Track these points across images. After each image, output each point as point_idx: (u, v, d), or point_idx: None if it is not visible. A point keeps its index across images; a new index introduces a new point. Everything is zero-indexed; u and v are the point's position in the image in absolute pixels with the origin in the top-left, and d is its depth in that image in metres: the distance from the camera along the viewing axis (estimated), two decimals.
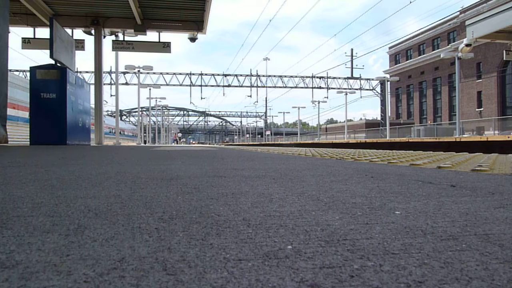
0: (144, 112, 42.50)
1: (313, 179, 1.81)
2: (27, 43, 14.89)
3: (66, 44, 11.31)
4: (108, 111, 41.57)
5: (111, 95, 37.33)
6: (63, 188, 1.45)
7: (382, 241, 0.73)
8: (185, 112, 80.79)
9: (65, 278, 0.52)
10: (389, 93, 39.75)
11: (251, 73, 44.12)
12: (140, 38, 15.38)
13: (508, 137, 11.01)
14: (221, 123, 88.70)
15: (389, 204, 1.14)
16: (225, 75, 43.68)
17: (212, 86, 43.85)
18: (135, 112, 60.85)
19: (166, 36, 60.84)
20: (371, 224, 0.87)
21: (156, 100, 41.13)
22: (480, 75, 38.40)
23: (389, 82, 34.61)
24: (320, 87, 44.49)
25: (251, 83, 44.13)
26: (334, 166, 2.68)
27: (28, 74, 14.00)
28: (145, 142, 39.25)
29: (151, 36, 16.17)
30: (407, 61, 50.06)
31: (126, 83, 41.10)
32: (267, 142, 48.34)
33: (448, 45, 41.03)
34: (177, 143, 52.27)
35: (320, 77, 44.32)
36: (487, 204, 1.14)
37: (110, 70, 37.86)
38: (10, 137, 9.60)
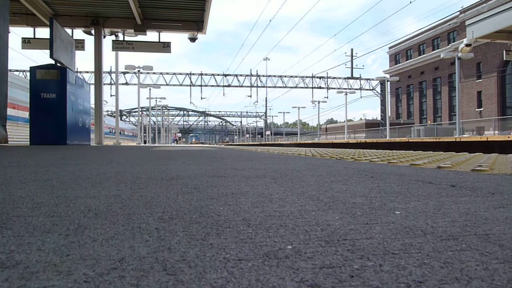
0: (144, 112, 42.49)
1: (313, 179, 1.81)
2: (27, 43, 14.89)
3: (66, 44, 11.31)
4: (108, 111, 41.59)
5: (111, 95, 37.36)
6: (63, 188, 1.45)
7: (382, 241, 0.73)
8: (185, 112, 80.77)
9: (65, 278, 0.52)
10: (389, 93, 39.76)
11: (251, 73, 44.11)
12: (140, 38, 15.39)
13: (508, 137, 11.01)
14: (221, 123, 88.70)
15: (389, 204, 1.14)
16: (225, 75, 43.68)
17: (212, 86, 43.87)
18: (135, 112, 60.86)
19: (166, 36, 60.87)
20: (371, 224, 0.87)
21: (156, 100, 41.14)
22: (480, 75, 38.40)
23: (389, 82, 34.60)
24: (320, 87, 44.48)
25: (251, 83, 44.13)
26: (334, 166, 2.68)
27: (28, 74, 14.00)
28: (145, 142, 39.25)
29: (151, 36, 16.22)
30: (407, 61, 50.06)
31: (126, 83, 41.09)
32: (267, 142, 48.33)
33: (448, 45, 41.06)
34: (177, 143, 52.28)
35: (320, 77, 44.33)
36: (487, 204, 1.14)
37: (110, 70, 37.86)
38: (10, 137, 9.60)
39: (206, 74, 43.71)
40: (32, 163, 2.80)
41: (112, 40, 15.23)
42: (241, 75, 44.11)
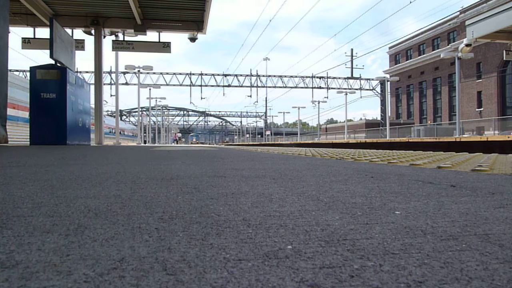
0: (144, 112, 42.50)
1: (313, 179, 1.81)
2: (27, 43, 14.88)
3: (66, 44, 11.31)
4: (108, 111, 41.63)
5: (111, 95, 37.39)
6: (63, 188, 1.45)
7: (382, 241, 0.73)
8: (185, 112, 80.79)
9: (65, 278, 0.52)
10: (389, 93, 39.77)
11: (251, 73, 44.12)
12: (140, 38, 15.37)
13: (508, 137, 11.01)
14: (221, 123, 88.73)
15: (389, 204, 1.14)
16: (225, 75, 43.69)
17: (212, 86, 43.90)
18: (135, 112, 60.89)
19: (166, 36, 60.87)
20: (371, 224, 0.87)
21: (156, 100, 41.14)
22: (480, 75, 38.41)
23: (389, 82, 34.61)
24: (320, 87, 44.50)
25: (251, 83, 44.14)
26: (334, 166, 2.68)
27: (28, 74, 14.00)
28: (145, 142, 39.26)
29: (151, 36, 16.18)
30: (407, 61, 50.06)
31: (126, 83, 41.11)
32: (267, 142, 48.32)
33: (448, 45, 41.07)
34: (177, 143, 52.30)
35: (320, 77, 44.35)
36: (487, 204, 1.14)
37: (110, 70, 37.88)
38: (10, 137, 9.59)
39: (206, 74, 43.73)
40: (32, 163, 2.80)
41: (112, 40, 15.22)
42: (241, 75, 44.14)
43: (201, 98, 60.41)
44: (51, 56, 10.13)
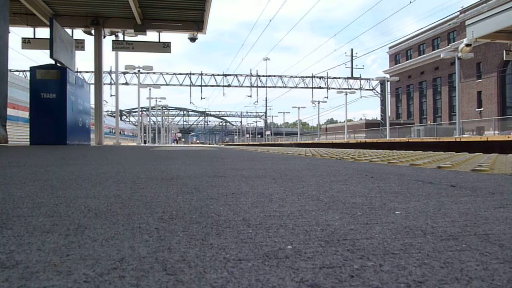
0: (144, 112, 42.49)
1: (313, 179, 1.81)
2: (27, 43, 14.89)
3: (66, 44, 11.31)
4: (108, 111, 41.63)
5: (111, 95, 37.39)
6: (63, 188, 1.45)
7: (382, 241, 0.73)
8: (185, 112, 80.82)
9: (65, 278, 0.52)
10: (389, 93, 39.79)
11: (251, 73, 44.12)
12: (140, 38, 15.38)
13: (508, 137, 11.01)
14: (221, 123, 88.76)
15: (389, 204, 1.14)
16: (225, 75, 43.69)
17: (212, 86, 43.90)
18: (135, 112, 60.91)
19: (166, 36, 60.88)
20: (371, 224, 0.87)
21: (156, 100, 41.15)
22: (480, 75, 38.41)
23: (389, 82, 34.63)
24: (320, 87, 44.49)
25: (251, 83, 44.14)
26: (334, 166, 2.67)
27: (28, 74, 14.00)
28: (145, 142, 39.26)
29: (151, 36, 16.19)
30: (407, 61, 50.06)
31: (126, 83, 41.10)
32: (267, 142, 48.32)
33: (448, 45, 41.06)
34: (177, 143, 52.31)
35: (320, 77, 44.35)
36: (487, 204, 1.14)
37: (110, 70, 37.87)
38: (10, 137, 9.59)
39: (206, 74, 43.72)
40: (32, 163, 2.80)
41: (112, 40, 15.22)
42: (241, 75, 44.13)
43: (201, 98, 60.48)
44: (51, 56, 10.13)
